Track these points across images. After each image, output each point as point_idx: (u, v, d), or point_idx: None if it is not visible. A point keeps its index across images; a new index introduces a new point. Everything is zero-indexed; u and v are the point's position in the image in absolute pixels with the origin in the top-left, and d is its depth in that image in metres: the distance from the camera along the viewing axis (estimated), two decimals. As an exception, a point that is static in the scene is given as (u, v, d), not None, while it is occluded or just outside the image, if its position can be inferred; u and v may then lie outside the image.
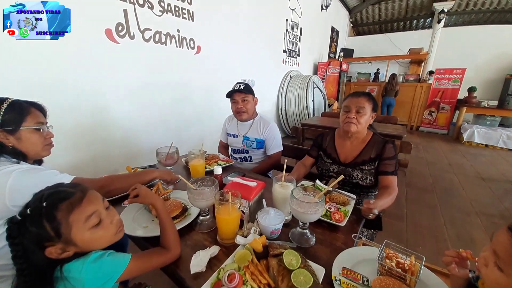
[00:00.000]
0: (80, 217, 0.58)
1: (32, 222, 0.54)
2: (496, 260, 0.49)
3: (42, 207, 0.55)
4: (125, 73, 2.00)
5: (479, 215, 2.32)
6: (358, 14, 8.22)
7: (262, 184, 0.94)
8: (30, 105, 0.86)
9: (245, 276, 0.62)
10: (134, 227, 0.86)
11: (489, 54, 6.34)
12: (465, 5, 6.78)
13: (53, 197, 0.57)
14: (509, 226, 0.48)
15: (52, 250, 0.55)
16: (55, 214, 0.55)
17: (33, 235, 0.54)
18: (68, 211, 0.56)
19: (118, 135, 2.05)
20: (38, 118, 0.86)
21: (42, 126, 0.87)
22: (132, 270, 0.62)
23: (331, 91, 6.02)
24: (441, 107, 5.77)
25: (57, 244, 0.56)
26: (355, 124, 1.20)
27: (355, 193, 1.27)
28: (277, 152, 1.68)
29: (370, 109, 1.22)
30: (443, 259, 0.63)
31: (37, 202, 0.56)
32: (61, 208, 0.56)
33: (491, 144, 4.74)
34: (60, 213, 0.55)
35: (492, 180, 3.17)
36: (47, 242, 0.55)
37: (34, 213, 0.55)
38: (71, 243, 0.57)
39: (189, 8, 2.44)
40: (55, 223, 0.55)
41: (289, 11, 4.50)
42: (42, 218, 0.54)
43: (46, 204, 0.55)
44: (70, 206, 0.57)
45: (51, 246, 0.55)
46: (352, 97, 1.24)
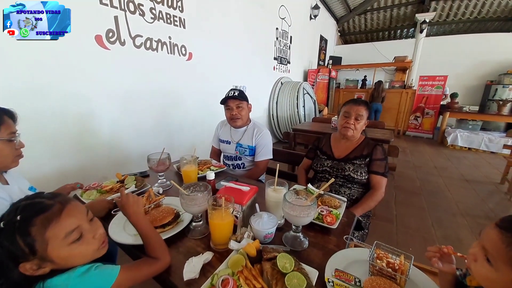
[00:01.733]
0: (58, 232, 0.53)
1: (5, 237, 0.50)
2: (485, 255, 0.51)
3: (16, 221, 0.50)
4: (116, 79, 1.98)
5: (465, 216, 2.40)
6: (345, 23, 8.53)
7: (255, 188, 0.95)
8: (3, 113, 0.78)
9: (239, 281, 0.62)
10: (124, 235, 0.84)
11: (470, 62, 6.69)
12: (446, 15, 7.19)
13: (28, 209, 0.53)
14: (497, 222, 0.51)
15: (27, 266, 0.51)
16: (29, 230, 0.50)
17: (6, 250, 0.50)
18: (43, 227, 0.51)
19: (107, 141, 2.01)
20: (11, 128, 0.80)
21: (14, 136, 0.80)
22: (121, 283, 0.58)
23: (321, 97, 6.15)
24: (425, 112, 6.00)
25: (32, 260, 0.51)
26: (352, 129, 1.34)
27: (346, 186, 1.35)
28: (264, 159, 1.64)
29: (366, 116, 1.35)
30: (426, 254, 0.66)
31: (12, 214, 0.52)
32: (36, 223, 0.51)
33: (473, 147, 4.94)
34: (35, 228, 0.50)
35: (476, 182, 3.29)
36: (20, 258, 0.51)
37: (7, 228, 0.50)
38: (47, 259, 0.52)
39: (181, 16, 2.46)
40: (29, 239, 0.50)
41: (279, 20, 4.62)
42: (15, 233, 0.50)
43: (20, 218, 0.51)
44: (45, 221, 0.52)
45: (25, 262, 0.51)
46: (353, 104, 1.36)
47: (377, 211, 2.33)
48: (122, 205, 0.74)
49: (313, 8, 5.85)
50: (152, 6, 2.16)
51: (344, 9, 7.63)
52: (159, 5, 2.22)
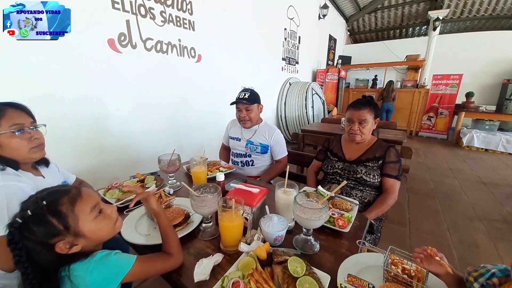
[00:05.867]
0: (84, 207, 0.60)
1: (36, 221, 0.54)
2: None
3: (43, 206, 0.55)
4: (127, 82, 2.03)
5: (482, 220, 2.30)
6: (355, 22, 8.39)
7: (265, 190, 0.94)
8: (6, 106, 0.77)
9: (250, 284, 0.61)
10: (135, 235, 0.85)
11: (485, 60, 6.44)
12: (460, 12, 6.94)
13: (51, 195, 0.58)
14: None
15: (61, 245, 0.56)
16: (60, 209, 0.56)
17: (39, 234, 0.54)
18: (71, 204, 0.58)
19: (118, 142, 2.05)
20: (15, 119, 0.76)
21: (21, 127, 0.77)
22: (136, 272, 0.61)
23: (330, 97, 6.07)
24: (439, 112, 5.81)
25: (66, 238, 0.57)
26: (359, 135, 1.31)
27: (358, 189, 1.31)
28: (284, 157, 1.70)
29: (372, 117, 1.30)
30: (413, 255, 0.68)
31: (35, 203, 0.56)
32: (64, 202, 0.57)
33: (491, 148, 4.75)
34: (64, 206, 0.57)
35: (493, 185, 3.16)
36: (56, 237, 0.56)
37: (37, 212, 0.55)
38: (80, 234, 0.58)
39: (190, 18, 2.49)
40: (62, 216, 0.56)
41: (288, 20, 4.60)
42: (47, 215, 0.55)
43: (46, 203, 0.56)
44: (71, 200, 0.59)
45: (60, 241, 0.56)
46: (353, 109, 1.32)
47: (390, 214, 2.27)
48: (146, 198, 0.77)
49: (322, 8, 5.79)
50: (163, 9, 2.20)
51: (353, 8, 7.51)
52: (169, 8, 2.26)
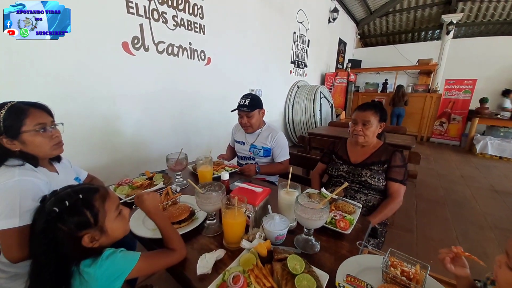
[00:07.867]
0: (111, 206, 0.67)
1: (72, 212, 0.60)
2: (507, 261, 0.52)
3: (79, 198, 0.61)
4: (139, 83, 2.10)
5: (493, 229, 2.23)
6: (365, 26, 8.32)
7: (268, 190, 0.96)
8: (30, 106, 0.82)
9: (250, 279, 0.63)
10: (143, 229, 0.89)
11: (501, 65, 6.23)
12: (474, 17, 6.78)
13: (85, 191, 0.64)
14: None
15: (86, 238, 0.60)
16: (94, 204, 0.63)
17: (72, 224, 0.59)
18: (102, 201, 0.65)
19: (130, 142, 2.12)
20: (38, 119, 0.82)
21: (44, 126, 0.83)
22: (141, 268, 0.65)
23: (338, 101, 6.03)
24: (452, 117, 5.66)
25: (92, 232, 0.62)
26: (362, 136, 1.31)
27: (362, 192, 1.31)
28: (285, 160, 1.70)
29: (377, 120, 1.30)
30: (438, 256, 0.67)
31: (71, 196, 0.61)
32: (97, 198, 0.64)
33: (505, 156, 4.59)
34: (97, 202, 0.63)
35: (507, 193, 3.05)
36: (85, 229, 0.60)
37: (74, 204, 0.60)
38: (103, 230, 0.64)
39: (201, 22, 2.56)
40: (95, 210, 0.62)
41: (297, 24, 4.62)
42: (82, 207, 0.61)
43: (82, 197, 0.62)
44: (103, 197, 0.65)
45: (87, 234, 0.61)
46: (358, 111, 1.33)
47: (396, 220, 2.23)
48: (139, 202, 0.78)
49: (332, 12, 5.78)
50: (175, 14, 2.27)
51: (364, 12, 7.46)
52: (181, 13, 2.33)
